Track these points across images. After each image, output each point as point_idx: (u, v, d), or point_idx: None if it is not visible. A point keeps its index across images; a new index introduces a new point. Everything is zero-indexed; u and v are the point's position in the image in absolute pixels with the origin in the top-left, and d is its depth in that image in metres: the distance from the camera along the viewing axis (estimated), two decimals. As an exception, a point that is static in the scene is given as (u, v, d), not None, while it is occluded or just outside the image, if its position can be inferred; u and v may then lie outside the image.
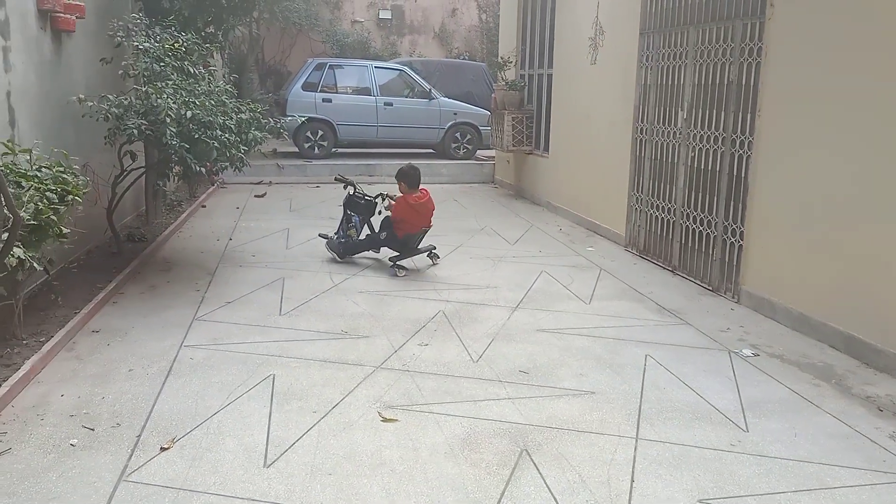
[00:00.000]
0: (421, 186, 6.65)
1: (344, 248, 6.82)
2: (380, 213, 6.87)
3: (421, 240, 6.75)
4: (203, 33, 7.66)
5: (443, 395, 4.01)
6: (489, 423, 3.70)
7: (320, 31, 18.27)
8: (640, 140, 7.48)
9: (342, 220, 6.97)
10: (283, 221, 8.63)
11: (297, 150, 12.82)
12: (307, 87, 12.69)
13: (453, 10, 19.43)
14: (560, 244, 7.96)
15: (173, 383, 4.01)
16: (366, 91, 13.12)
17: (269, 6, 13.52)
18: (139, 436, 3.42)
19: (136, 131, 5.04)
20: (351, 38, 18.42)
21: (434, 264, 6.78)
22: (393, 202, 6.67)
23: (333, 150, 12.99)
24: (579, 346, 4.85)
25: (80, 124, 6.09)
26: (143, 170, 6.34)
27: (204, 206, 9.44)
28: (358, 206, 6.91)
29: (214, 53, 10.71)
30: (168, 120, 4.92)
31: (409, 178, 6.55)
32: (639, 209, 7.54)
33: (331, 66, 13.09)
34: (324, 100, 12.69)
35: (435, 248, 6.86)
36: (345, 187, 7.05)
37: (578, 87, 8.89)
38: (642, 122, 7.44)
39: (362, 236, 6.89)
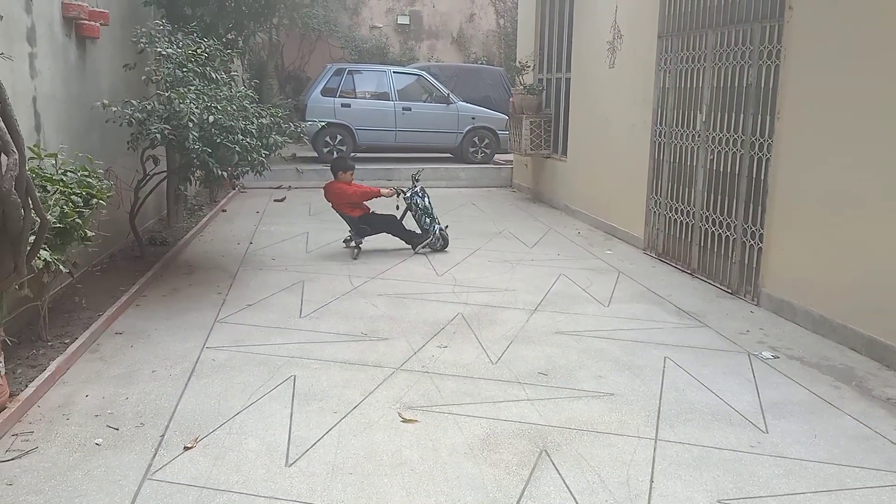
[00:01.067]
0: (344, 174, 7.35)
1: (431, 233, 7.45)
2: (397, 207, 7.53)
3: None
4: (224, 39, 7.79)
5: (462, 396, 4.03)
6: (508, 423, 3.72)
7: (339, 37, 18.44)
8: (659, 143, 7.46)
9: (418, 215, 7.45)
10: (302, 225, 8.71)
11: (315, 154, 12.93)
12: (326, 92, 12.81)
13: (471, 15, 19.51)
14: (578, 247, 7.95)
15: (196, 384, 4.08)
16: (384, 96, 13.21)
17: (289, 13, 13.64)
18: (163, 435, 3.48)
19: (159, 136, 5.14)
20: (369, 44, 18.56)
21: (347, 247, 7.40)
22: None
23: (352, 154, 13.08)
24: (598, 349, 4.85)
25: (105, 129, 6.22)
26: (165, 174, 6.45)
27: (224, 211, 9.57)
28: (415, 197, 7.50)
29: (235, 59, 10.89)
30: (191, 125, 5.01)
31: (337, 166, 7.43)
32: (657, 212, 7.51)
33: (349, 72, 13.21)
34: (343, 105, 12.80)
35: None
36: (397, 196, 7.49)
37: (597, 91, 8.89)
38: (661, 125, 7.42)
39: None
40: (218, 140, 5.23)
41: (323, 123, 11.90)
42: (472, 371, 4.40)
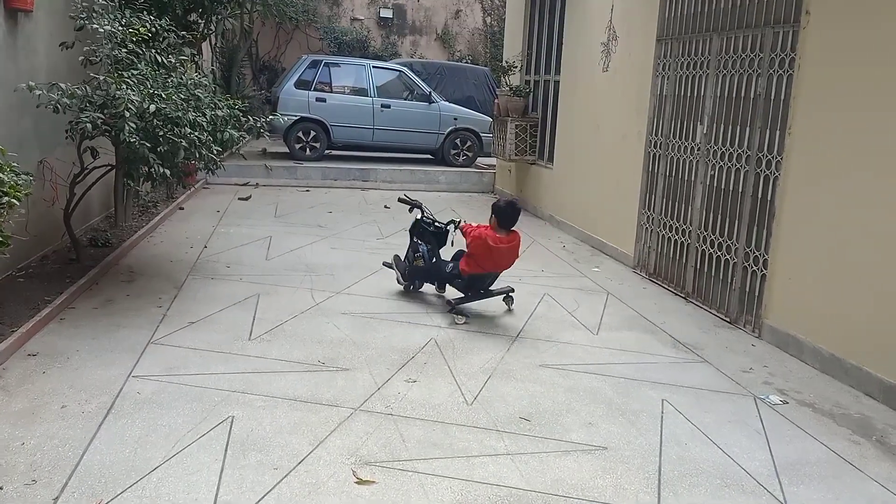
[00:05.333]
0: (514, 228, 5.40)
1: (410, 271, 5.77)
2: (452, 244, 5.69)
3: (492, 282, 5.58)
4: (185, 21, 7.08)
5: (430, 448, 3.42)
6: (484, 487, 3.11)
7: (318, 28, 17.71)
8: (654, 154, 6.92)
9: (409, 248, 5.88)
10: (266, 228, 8.03)
11: (287, 150, 12.22)
12: (300, 84, 12.10)
13: (457, 11, 18.90)
14: (564, 263, 7.39)
15: (112, 426, 3.40)
16: (362, 91, 12.53)
17: (262, -1, 12.90)
18: (56, 498, 2.81)
19: (89, 125, 4.44)
20: (350, 37, 17.86)
21: (510, 310, 5.62)
22: (468, 228, 5.45)
23: (326, 152, 12.40)
24: (587, 387, 4.27)
25: (40, 116, 5.47)
26: (108, 168, 5.73)
27: (182, 209, 8.83)
28: (426, 234, 5.74)
29: (202, 45, 10.12)
30: (127, 114, 4.32)
31: (502, 216, 5.28)
32: (650, 229, 6.97)
33: (326, 64, 12.50)
34: (317, 99, 12.09)
35: (512, 291, 5.69)
36: (410, 210, 5.88)
37: (588, 96, 8.33)
38: (657, 135, 6.88)
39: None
40: (160, 133, 4.54)
41: (291, 119, 11.30)
42: (444, 414, 3.79)
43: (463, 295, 5.50)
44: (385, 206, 9.75)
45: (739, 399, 4.29)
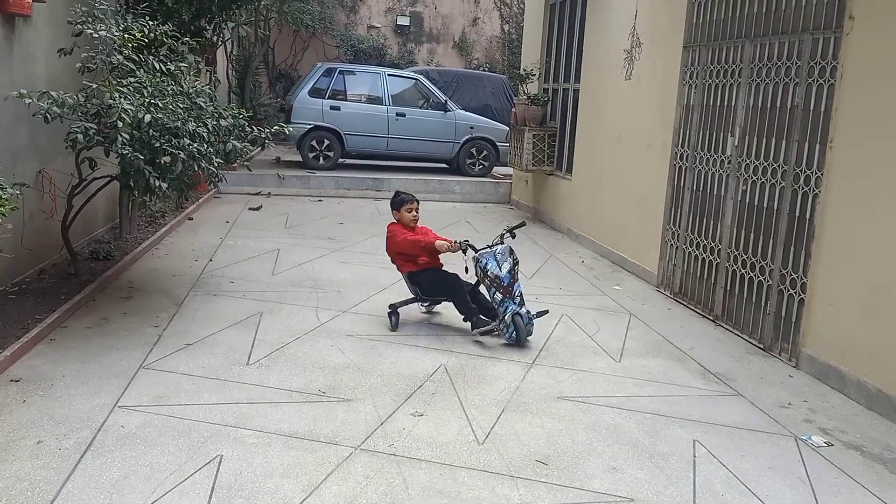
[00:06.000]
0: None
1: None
2: (466, 270, 5.20)
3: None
4: (192, 28, 6.85)
5: (436, 497, 3.09)
6: (494, 545, 2.78)
7: (335, 36, 17.52)
8: (680, 167, 6.55)
9: (488, 291, 5.17)
10: (274, 240, 7.76)
11: (301, 159, 11.98)
12: (314, 92, 11.86)
13: (475, 19, 18.62)
14: (583, 280, 7.03)
15: (89, 465, 3.12)
16: (377, 100, 12.27)
17: (278, 5, 12.70)
18: (16, 555, 2.53)
19: (80, 136, 4.18)
20: (367, 44, 17.64)
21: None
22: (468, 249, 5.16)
23: (340, 161, 12.15)
24: (610, 424, 3.91)
25: (38, 125, 5.23)
26: (108, 179, 5.49)
27: (191, 219, 8.60)
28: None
29: (216, 52, 9.93)
30: (120, 124, 4.06)
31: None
32: (675, 245, 6.60)
33: (340, 72, 12.26)
34: (331, 107, 11.85)
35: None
36: (464, 252, 5.20)
37: (609, 105, 7.98)
38: (683, 146, 6.51)
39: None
40: (157, 144, 4.28)
41: (302, 128, 11.05)
42: (453, 455, 3.45)
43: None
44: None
45: (779, 440, 3.90)
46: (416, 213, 5.32)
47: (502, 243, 5.27)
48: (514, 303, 5.01)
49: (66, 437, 3.35)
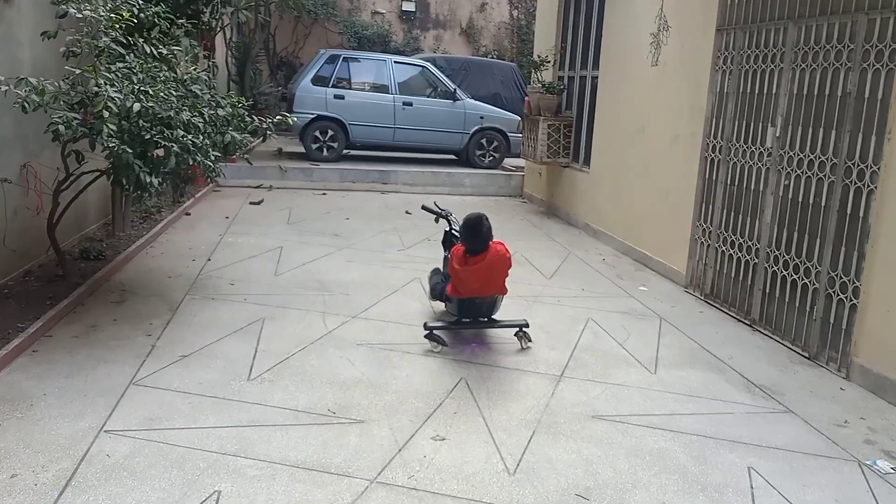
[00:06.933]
0: (495, 240, 4.71)
1: (433, 290, 5.13)
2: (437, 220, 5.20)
3: (491, 309, 4.76)
4: (189, 11, 6.41)
5: (465, 542, 2.69)
6: None
7: (338, 22, 17.03)
8: (712, 159, 6.11)
9: (444, 263, 5.18)
10: (277, 237, 7.34)
11: (304, 150, 11.55)
12: (317, 81, 11.40)
13: (482, 4, 18.10)
14: (606, 280, 6.61)
15: (67, 506, 2.72)
16: (383, 88, 11.81)
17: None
18: None
19: (62, 127, 3.76)
20: (371, 31, 17.16)
21: (523, 348, 4.68)
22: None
23: (344, 152, 11.71)
24: (654, 449, 3.51)
25: (23, 115, 4.83)
26: (97, 173, 5.06)
27: (188, 214, 8.17)
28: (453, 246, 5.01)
29: (214, 38, 9.48)
30: (106, 113, 3.64)
31: (463, 237, 4.68)
32: (706, 243, 6.17)
33: (345, 59, 11.79)
34: (335, 96, 11.39)
35: (526, 325, 4.74)
36: (436, 220, 5.25)
37: (632, 93, 7.53)
38: (715, 137, 6.06)
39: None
40: (147, 136, 3.85)
41: (305, 118, 10.61)
42: (481, 488, 3.05)
43: (454, 318, 4.80)
44: (406, 212, 9.03)
45: (842, 466, 3.50)
46: None
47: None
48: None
49: (44, 468, 2.95)
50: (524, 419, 3.72)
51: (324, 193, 10.29)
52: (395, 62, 12.12)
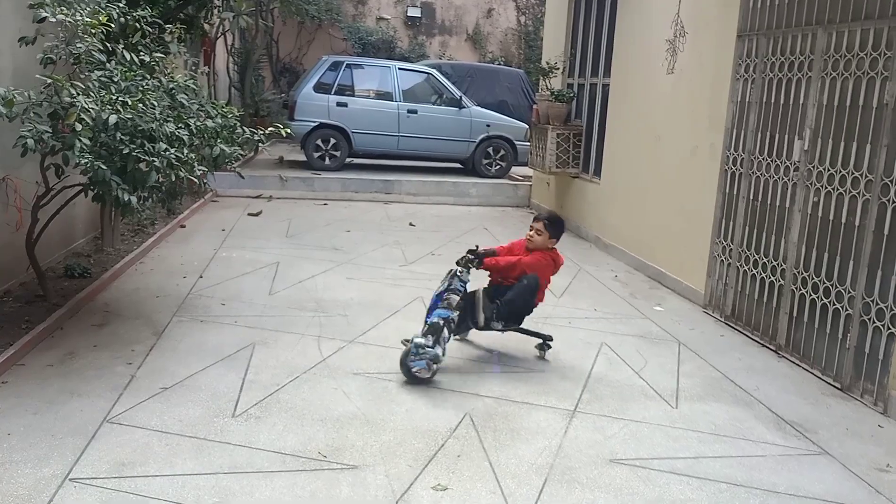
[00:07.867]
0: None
1: (500, 315, 4.55)
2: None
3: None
4: (182, 15, 6.12)
5: None
6: None
7: (342, 28, 16.77)
8: (733, 173, 5.76)
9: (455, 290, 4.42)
10: (274, 251, 7.03)
11: (305, 159, 11.25)
12: (319, 88, 11.12)
13: (489, 10, 17.81)
14: (618, 299, 6.26)
15: (15, 577, 2.39)
16: (387, 95, 11.51)
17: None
18: None
19: (31, 141, 3.45)
20: (375, 37, 16.89)
21: (541, 357, 4.71)
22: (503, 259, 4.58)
23: (347, 161, 11.41)
24: (679, 500, 3.16)
25: (2, 125, 4.54)
26: (80, 188, 4.76)
27: (183, 227, 7.87)
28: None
29: (215, 44, 9.20)
30: (79, 127, 3.33)
31: (556, 229, 4.68)
32: (726, 262, 5.81)
33: (348, 66, 11.50)
34: (338, 104, 11.10)
35: (551, 339, 4.78)
36: (464, 262, 4.43)
37: (646, 101, 7.19)
38: (737, 150, 5.72)
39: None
40: (126, 150, 3.54)
41: (305, 127, 10.32)
42: (487, 551, 2.71)
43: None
44: (410, 224, 8.71)
45: (889, 521, 3.14)
46: (531, 231, 4.67)
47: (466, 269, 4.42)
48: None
49: (-6, 529, 2.63)
50: (535, 464, 3.37)
51: (325, 204, 9.98)
52: (399, 69, 11.83)
